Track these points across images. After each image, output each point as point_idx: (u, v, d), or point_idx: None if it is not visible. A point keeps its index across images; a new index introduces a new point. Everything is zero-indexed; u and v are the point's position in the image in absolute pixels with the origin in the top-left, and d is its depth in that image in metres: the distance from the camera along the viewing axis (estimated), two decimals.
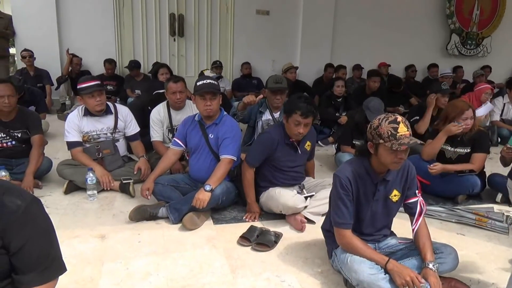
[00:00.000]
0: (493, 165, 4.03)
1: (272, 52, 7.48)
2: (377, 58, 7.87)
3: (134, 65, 6.38)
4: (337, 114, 5.40)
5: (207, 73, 4.98)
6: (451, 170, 3.32)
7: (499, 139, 5.39)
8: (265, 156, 2.85)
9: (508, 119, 5.69)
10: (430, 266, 1.91)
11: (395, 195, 2.11)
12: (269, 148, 2.83)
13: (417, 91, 7.24)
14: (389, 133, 1.87)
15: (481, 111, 4.96)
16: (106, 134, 3.41)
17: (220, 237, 2.61)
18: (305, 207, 2.81)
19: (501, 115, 5.65)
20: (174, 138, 3.13)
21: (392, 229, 2.29)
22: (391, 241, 2.20)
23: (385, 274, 1.90)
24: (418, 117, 4.47)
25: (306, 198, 2.83)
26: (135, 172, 3.35)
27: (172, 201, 2.84)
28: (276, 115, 3.64)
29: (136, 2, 6.74)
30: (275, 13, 7.37)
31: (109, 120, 3.42)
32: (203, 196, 2.68)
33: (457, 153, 3.37)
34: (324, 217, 2.40)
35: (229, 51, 7.39)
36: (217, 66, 6.81)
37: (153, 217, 2.77)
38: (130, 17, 6.78)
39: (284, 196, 2.75)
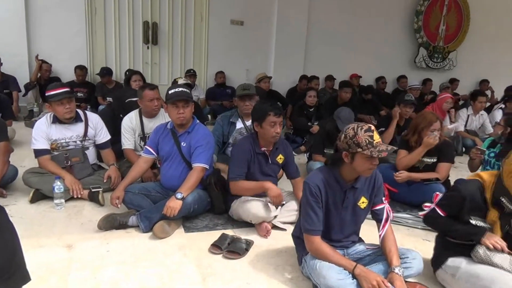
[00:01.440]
0: (457, 174, 4.19)
1: (246, 61, 7.55)
2: (349, 69, 8.07)
3: (106, 72, 6.29)
4: (309, 124, 5.49)
5: (181, 81, 4.97)
6: (417, 179, 3.43)
7: (463, 149, 5.61)
8: (246, 165, 2.86)
9: (472, 129, 5.93)
10: (396, 270, 1.97)
11: (363, 202, 2.17)
12: (246, 157, 2.85)
13: (387, 102, 7.47)
14: (367, 142, 1.93)
15: (450, 126, 5.40)
16: (75, 142, 3.34)
17: (191, 245, 2.59)
18: (275, 216, 2.83)
19: (465, 126, 5.89)
20: (145, 146, 3.11)
21: (360, 236, 2.35)
22: (359, 247, 2.25)
23: (352, 279, 1.94)
24: (383, 129, 4.62)
25: (276, 207, 2.86)
26: (105, 180, 3.30)
27: (143, 209, 2.80)
28: (248, 123, 3.66)
29: (109, 9, 6.68)
30: (250, 24, 7.46)
31: (78, 128, 3.36)
32: (174, 204, 2.66)
33: (424, 163, 3.49)
34: (294, 225, 2.44)
35: (203, 60, 7.41)
36: (191, 74, 6.81)
37: (123, 225, 2.72)
38: (103, 24, 6.70)
39: (254, 207, 2.77)
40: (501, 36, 9.15)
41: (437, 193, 2.31)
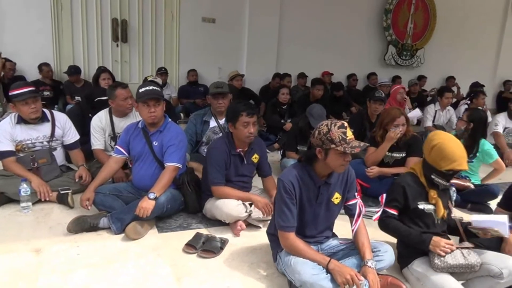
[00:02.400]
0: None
1: (219, 59, 7.50)
2: (320, 67, 8.15)
3: (74, 70, 6.11)
4: (282, 121, 5.52)
5: (153, 79, 4.88)
6: (388, 173, 3.51)
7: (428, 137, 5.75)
8: (224, 168, 2.84)
9: (440, 124, 6.10)
10: (369, 264, 2.00)
11: (336, 198, 2.20)
12: (223, 160, 2.83)
13: (358, 98, 7.61)
14: (340, 138, 1.97)
15: (409, 115, 5.44)
16: (42, 142, 3.24)
17: (165, 246, 2.56)
18: (250, 214, 2.83)
19: (433, 121, 6.06)
20: (116, 146, 3.05)
21: (333, 231, 2.38)
22: (332, 242, 2.28)
23: (326, 274, 1.96)
24: (352, 130, 4.69)
25: (251, 205, 2.85)
26: (76, 179, 3.21)
27: (115, 210, 2.74)
28: (222, 121, 3.65)
29: (76, 6, 6.48)
30: (221, 21, 7.41)
31: (45, 128, 3.25)
32: (146, 205, 2.62)
33: (394, 158, 3.57)
34: (269, 222, 2.44)
35: (174, 57, 7.31)
36: (162, 72, 6.70)
37: (93, 228, 2.65)
38: (69, 21, 6.49)
39: (228, 206, 2.76)
40: (466, 34, 9.47)
41: (383, 194, 2.39)
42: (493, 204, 3.28)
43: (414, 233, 2.19)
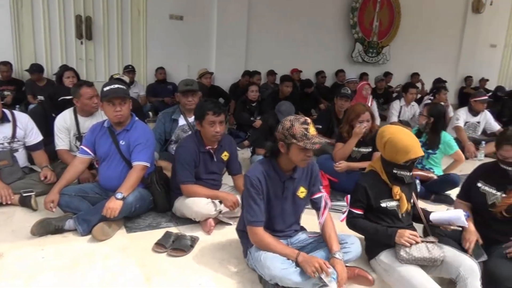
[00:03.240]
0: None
1: (187, 57, 7.43)
2: (289, 64, 8.21)
3: (36, 68, 5.89)
4: (251, 118, 5.54)
5: (120, 77, 4.78)
6: (355, 168, 3.58)
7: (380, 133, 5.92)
8: (193, 166, 2.82)
9: (405, 120, 6.28)
10: (337, 255, 2.05)
11: (302, 192, 2.25)
12: (192, 158, 2.81)
13: (327, 95, 7.73)
14: (302, 133, 2.00)
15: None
16: (2, 144, 3.11)
17: (134, 246, 2.52)
18: (220, 211, 2.83)
19: (398, 116, 6.24)
20: (81, 146, 2.97)
21: (302, 225, 2.41)
22: (301, 236, 2.32)
23: (296, 268, 1.99)
24: (320, 126, 4.79)
25: (220, 202, 2.85)
26: (42, 178, 3.11)
27: (81, 212, 2.68)
28: (191, 119, 3.62)
29: (37, 2, 6.24)
30: (189, 18, 7.34)
31: (5, 129, 3.13)
32: (114, 205, 2.57)
33: (361, 153, 3.66)
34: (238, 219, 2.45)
35: (142, 55, 7.18)
36: (129, 70, 6.58)
37: (59, 230, 2.58)
38: (30, 18, 6.26)
39: (197, 204, 2.74)
40: (429, 32, 9.76)
41: (347, 195, 2.44)
42: (454, 193, 3.41)
43: (381, 229, 2.24)
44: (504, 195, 2.35)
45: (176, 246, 2.46)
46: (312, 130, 2.04)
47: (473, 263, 2.09)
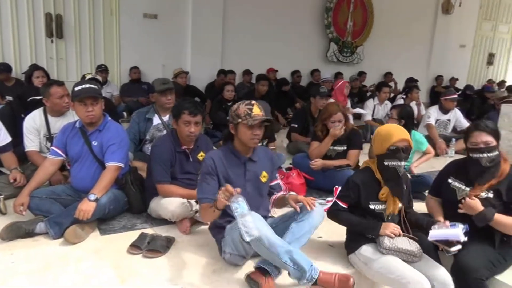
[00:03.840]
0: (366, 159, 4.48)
1: (162, 56, 7.34)
2: (265, 64, 8.23)
3: (4, 68, 5.70)
4: (228, 118, 5.50)
5: (89, 77, 4.68)
6: (330, 166, 3.63)
7: (371, 137, 6.01)
8: (169, 165, 2.80)
9: (379, 118, 6.40)
10: (291, 192, 2.24)
11: (264, 176, 2.38)
12: (168, 157, 2.79)
13: (302, 94, 7.79)
14: (245, 113, 2.20)
15: (354, 110, 6.01)
16: None
17: (108, 248, 2.47)
18: (197, 211, 2.81)
19: (372, 115, 6.35)
20: (52, 147, 2.89)
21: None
22: (269, 220, 2.37)
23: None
24: (296, 125, 4.84)
25: (197, 202, 2.83)
26: (11, 181, 3.01)
27: (52, 214, 2.60)
28: (165, 118, 3.58)
29: None
30: (164, 17, 7.25)
31: None
32: (86, 207, 2.51)
33: (336, 151, 3.71)
34: None
35: (115, 54, 7.05)
36: (102, 70, 6.44)
37: (29, 234, 2.50)
38: None
39: (173, 204, 2.71)
40: (401, 32, 9.96)
41: (336, 186, 2.47)
42: None
43: (365, 221, 2.26)
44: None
45: (151, 247, 2.43)
46: (256, 110, 2.21)
47: (447, 276, 2.12)
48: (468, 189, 2.42)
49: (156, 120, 3.62)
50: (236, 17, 7.82)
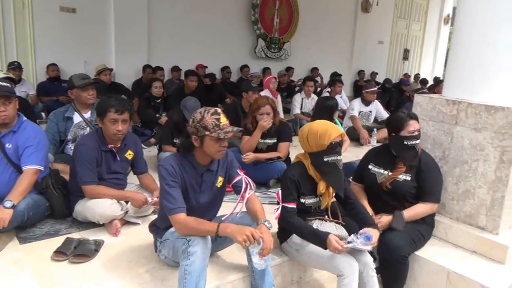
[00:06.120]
0: (297, 151, 4.60)
1: (83, 52, 6.93)
2: (194, 60, 8.12)
3: None
4: (157, 115, 5.39)
5: (0, 75, 4.30)
6: (262, 158, 3.70)
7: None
8: (95, 165, 2.65)
9: (307, 111, 6.63)
10: (266, 223, 2.05)
11: (220, 182, 2.23)
12: (93, 156, 2.65)
13: (232, 90, 7.82)
14: (214, 124, 1.99)
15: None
16: None
17: (29, 258, 2.29)
18: (127, 212, 2.71)
19: (300, 108, 6.56)
20: None
21: None
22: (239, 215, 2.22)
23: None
24: (241, 128, 4.85)
25: (127, 202, 2.73)
26: None
27: None
28: (87, 115, 3.40)
29: None
30: (83, 11, 6.85)
31: None
32: (2, 215, 2.31)
33: (267, 144, 3.78)
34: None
35: (29, 51, 6.52)
36: (15, 67, 5.91)
37: None
38: None
39: (101, 206, 2.59)
40: (325, 29, 10.38)
41: (278, 191, 2.40)
42: None
43: (315, 233, 2.19)
44: (390, 173, 2.62)
45: (78, 252, 2.30)
46: (223, 120, 2.03)
47: (369, 258, 2.23)
48: (386, 172, 2.62)
49: (76, 118, 3.42)
50: (162, 12, 7.64)
